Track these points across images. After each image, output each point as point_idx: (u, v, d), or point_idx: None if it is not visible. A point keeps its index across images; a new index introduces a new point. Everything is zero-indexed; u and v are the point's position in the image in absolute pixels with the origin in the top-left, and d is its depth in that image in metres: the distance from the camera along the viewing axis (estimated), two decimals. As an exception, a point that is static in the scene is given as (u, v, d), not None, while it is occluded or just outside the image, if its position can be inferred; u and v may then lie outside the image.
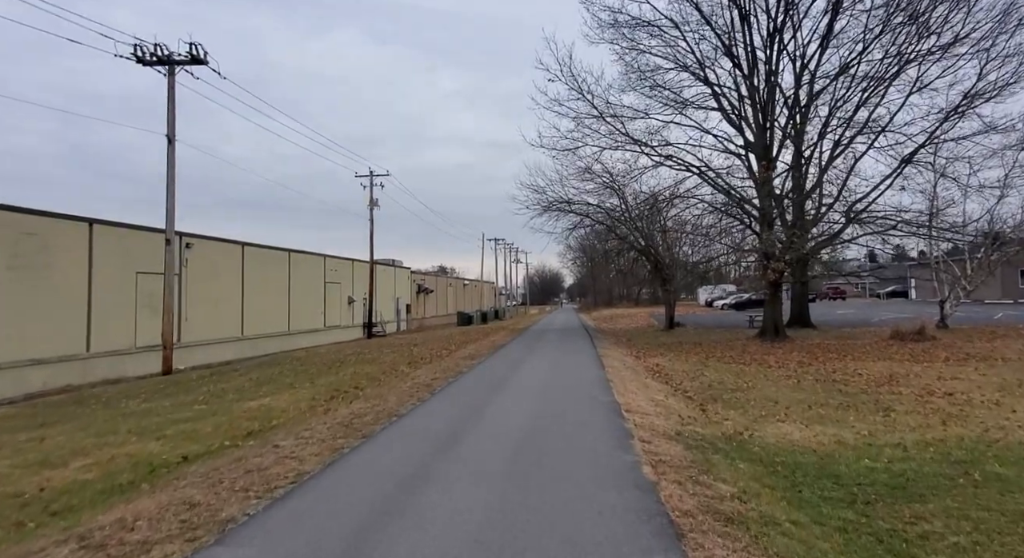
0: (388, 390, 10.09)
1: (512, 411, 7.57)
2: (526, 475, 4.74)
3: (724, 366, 14.70)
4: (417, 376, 11.93)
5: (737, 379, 12.24)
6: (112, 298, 20.61)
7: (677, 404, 8.75)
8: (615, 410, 7.32)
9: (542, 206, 27.27)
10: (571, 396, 8.56)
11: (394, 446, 5.79)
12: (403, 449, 5.66)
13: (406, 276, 52.97)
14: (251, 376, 13.69)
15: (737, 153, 22.42)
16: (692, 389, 10.91)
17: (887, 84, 19.96)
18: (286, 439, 6.24)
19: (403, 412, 7.53)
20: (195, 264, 25.40)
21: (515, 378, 11.04)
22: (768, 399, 9.76)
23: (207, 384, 12.45)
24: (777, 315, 21.70)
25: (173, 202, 17.24)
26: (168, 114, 16.99)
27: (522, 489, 4.39)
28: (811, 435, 7.12)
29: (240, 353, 27.90)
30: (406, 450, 5.62)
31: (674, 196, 22.85)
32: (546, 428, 6.48)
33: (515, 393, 9.02)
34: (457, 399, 8.51)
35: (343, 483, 4.58)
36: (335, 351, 22.05)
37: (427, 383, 10.43)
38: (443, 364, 14.17)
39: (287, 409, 8.82)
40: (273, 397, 10.12)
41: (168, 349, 17.12)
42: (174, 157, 17.13)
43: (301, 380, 12.34)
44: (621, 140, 22.78)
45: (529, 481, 4.60)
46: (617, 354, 16.68)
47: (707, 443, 6.21)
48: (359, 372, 13.47)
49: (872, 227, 20.29)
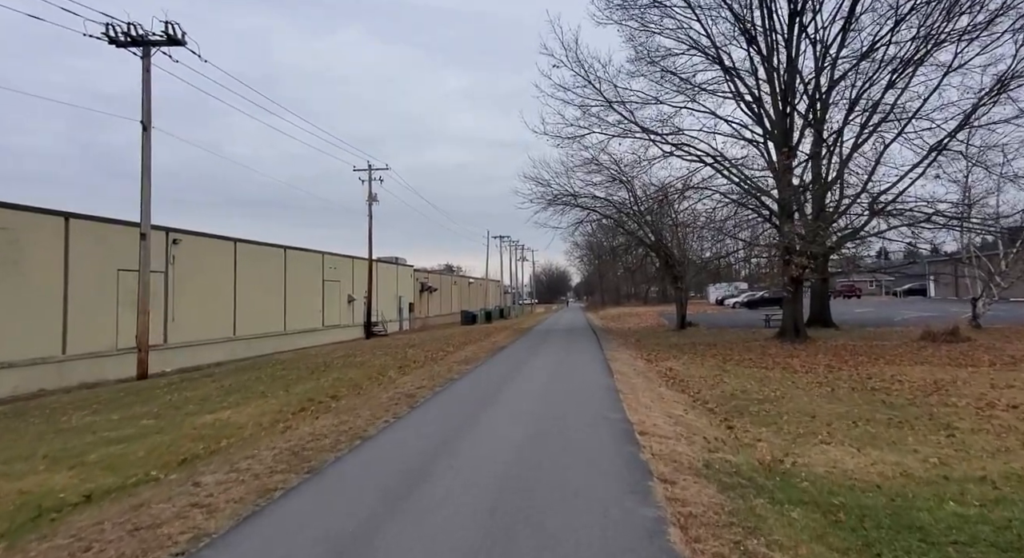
0: (365, 401, 8.85)
1: (500, 437, 6.25)
2: (505, 553, 3.40)
3: (745, 371, 13.35)
4: (403, 384, 10.68)
5: (762, 387, 10.90)
6: (91, 297, 19.50)
7: (699, 421, 7.44)
8: (627, 433, 6.01)
9: (547, 200, 25.98)
10: (574, 414, 7.21)
11: (340, 489, 4.45)
12: (349, 496, 4.31)
13: (409, 274, 51.74)
14: (225, 382, 12.50)
15: (754, 141, 21.03)
16: (713, 399, 9.59)
17: (914, 67, 18.47)
18: (217, 472, 5.01)
19: (370, 434, 6.27)
20: (183, 261, 24.29)
21: (511, 388, 9.76)
22: (803, 412, 8.43)
23: (173, 392, 11.27)
24: (798, 314, 20.29)
25: (149, 193, 16.09)
26: (142, 98, 15.83)
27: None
28: (867, 463, 5.80)
29: (232, 354, 26.79)
30: (352, 497, 4.27)
31: (687, 187, 21.46)
32: (540, 464, 5.12)
33: (508, 409, 7.71)
34: (438, 417, 7.20)
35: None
36: (326, 353, 20.87)
37: (411, 393, 9.18)
38: (435, 369, 12.92)
39: (245, 425, 7.60)
40: (237, 409, 8.91)
41: (143, 352, 15.97)
42: (150, 145, 15.97)
43: (276, 388, 11.14)
44: (630, 128, 21.46)
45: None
46: (626, 357, 15.36)
47: (744, 479, 4.90)
48: (342, 378, 12.24)
49: (901, 219, 18.81)
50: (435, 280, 58.32)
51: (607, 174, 24.75)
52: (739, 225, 22.67)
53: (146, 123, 15.93)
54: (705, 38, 20.07)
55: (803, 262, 16.56)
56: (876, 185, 19.72)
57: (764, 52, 19.77)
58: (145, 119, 15.94)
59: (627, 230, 28.42)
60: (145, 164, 15.96)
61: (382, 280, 45.25)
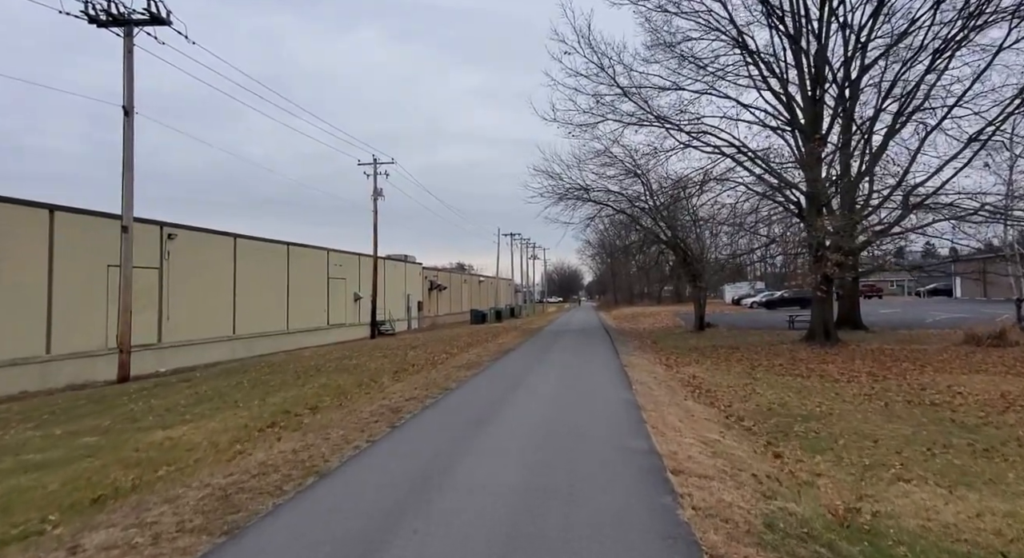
0: (345, 415, 7.63)
1: (488, 481, 4.63)
2: None
3: (777, 379, 11.97)
4: (393, 393, 9.45)
5: (802, 399, 9.54)
6: (78, 293, 18.54)
7: (739, 447, 6.12)
8: (656, 473, 4.60)
9: (557, 194, 24.65)
10: (589, 443, 5.76)
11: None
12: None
13: (417, 272, 50.61)
14: (202, 388, 11.36)
15: (779, 128, 19.55)
16: (748, 415, 8.25)
17: (955, 48, 16.86)
18: (118, 524, 3.81)
19: (330, 467, 5.01)
20: (179, 257, 23.31)
21: (513, 403, 8.46)
22: (860, 434, 7.07)
23: (141, 399, 10.14)
24: (828, 315, 18.81)
25: (131, 182, 15.01)
26: (124, 81, 14.76)
27: None
28: (971, 513, 4.46)
29: (232, 354, 25.81)
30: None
31: (707, 179, 20.05)
32: (542, 534, 3.54)
33: (505, 435, 6.26)
34: (418, 445, 5.77)
35: None
36: (323, 354, 19.72)
37: (397, 406, 7.93)
38: (432, 375, 11.68)
39: (197, 446, 6.41)
40: (198, 423, 7.73)
41: (125, 353, 14.91)
42: (132, 131, 14.90)
43: (254, 396, 9.96)
44: (645, 117, 20.07)
45: None
46: (644, 363, 14.02)
47: (821, 545, 3.58)
48: (329, 384, 11.05)
49: (942, 214, 17.22)
50: (444, 278, 57.18)
51: (621, 167, 23.40)
52: (762, 221, 21.21)
53: (128, 108, 14.86)
54: (727, 20, 18.65)
55: (838, 258, 15.11)
56: (912, 177, 18.18)
57: (792, 33, 18.29)
58: (127, 104, 14.87)
59: (642, 226, 27.01)
60: (127, 152, 14.90)
61: (390, 278, 44.19)
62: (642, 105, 19.91)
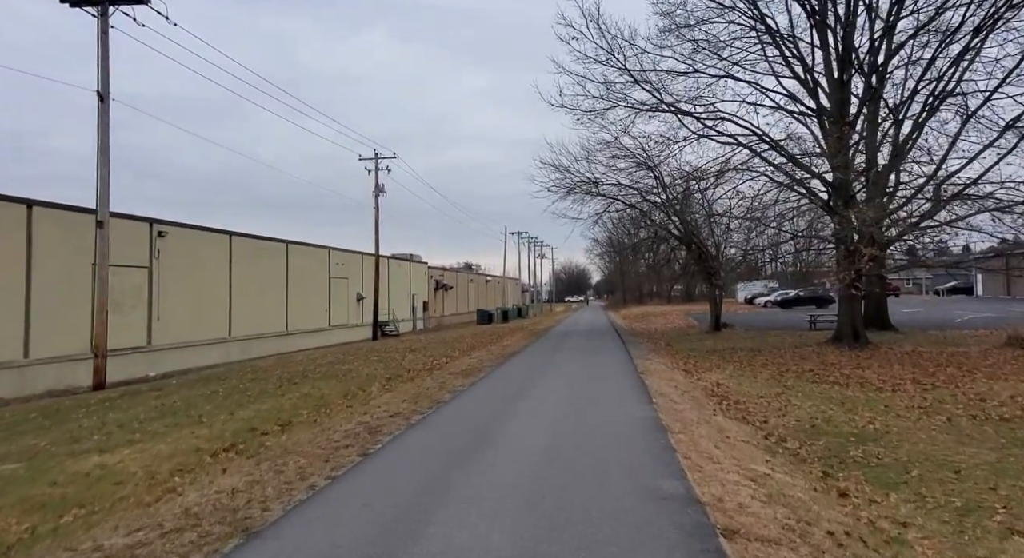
0: (315, 436, 6.48)
1: (475, 550, 3.41)
2: None
3: (812, 387, 10.70)
4: (378, 406, 8.29)
5: (848, 413, 8.27)
6: (59, 294, 17.51)
7: (794, 483, 4.89)
8: (703, 536, 3.36)
9: (565, 188, 23.44)
10: (606, 484, 4.48)
11: None
12: None
13: (423, 271, 49.51)
14: (169, 399, 10.25)
15: (802, 113, 18.20)
16: (790, 434, 7.01)
17: (985, 33, 15.46)
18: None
19: (267, 519, 3.81)
20: (170, 256, 22.30)
21: (512, 422, 7.23)
22: (934, 461, 5.83)
23: (97, 413, 9.04)
24: (856, 315, 17.46)
25: (108, 174, 13.96)
26: (99, 65, 13.71)
27: None
28: None
29: (227, 356, 24.79)
30: None
31: (724, 170, 18.74)
32: None
33: (500, 472, 4.96)
34: (387, 483, 4.65)
35: None
36: (316, 358, 18.60)
37: (377, 425, 6.76)
38: (426, 384, 10.52)
39: (129, 477, 5.29)
40: (145, 445, 6.61)
41: (100, 358, 13.86)
42: (108, 119, 13.85)
43: (223, 408, 8.84)
44: (658, 105, 18.80)
45: None
46: (661, 368, 12.77)
47: None
48: (312, 394, 9.92)
49: (983, 205, 15.82)
50: (450, 278, 56.04)
51: (632, 159, 22.14)
52: (783, 214, 19.88)
53: (103, 94, 13.82)
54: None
55: (872, 252, 13.80)
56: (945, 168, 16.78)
57: (817, 8, 16.95)
58: (102, 89, 13.83)
59: (653, 221, 25.74)
60: (102, 141, 13.85)
61: (394, 278, 43.13)
62: (654, 93, 18.66)
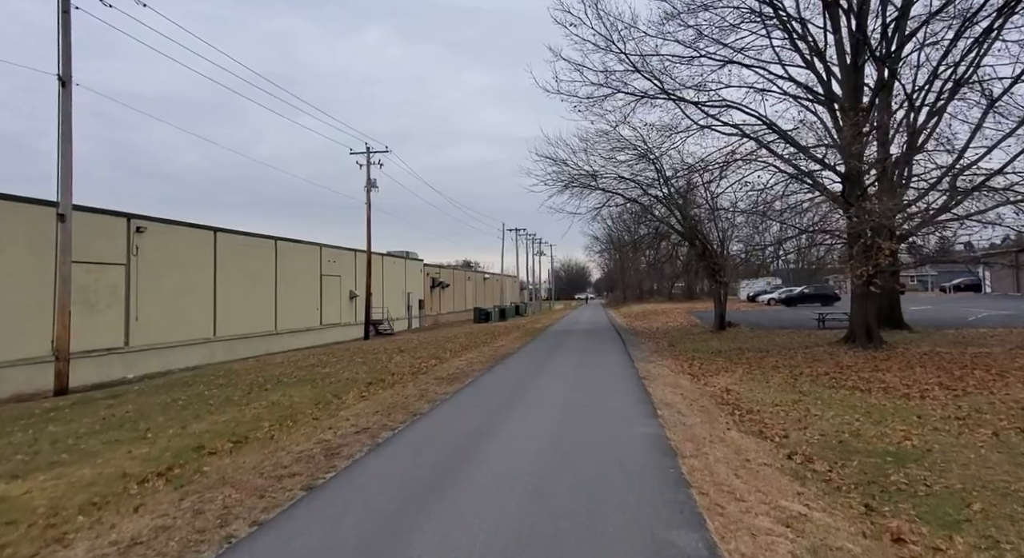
0: (261, 460, 5.52)
1: None
2: None
3: (830, 393, 9.73)
4: (345, 419, 7.32)
5: (876, 424, 7.31)
6: (28, 293, 16.54)
7: (837, 525, 3.92)
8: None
9: (562, 182, 22.46)
10: (600, 529, 3.60)
11: None
12: None
13: (419, 269, 48.52)
14: (122, 409, 9.25)
15: (814, 100, 17.20)
16: (815, 451, 6.05)
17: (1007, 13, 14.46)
18: None
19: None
20: (149, 252, 21.37)
21: (493, 440, 6.24)
22: (994, 489, 4.86)
23: (34, 427, 8.01)
24: (871, 314, 16.49)
25: (70, 164, 12.96)
26: (59, 46, 12.71)
27: None
28: None
29: (212, 357, 23.85)
30: None
31: (729, 161, 17.76)
32: None
33: (468, 518, 3.94)
34: (323, 537, 3.61)
35: None
36: (297, 360, 17.61)
37: (336, 446, 5.78)
38: (406, 391, 9.54)
39: (27, 514, 4.36)
40: (66, 469, 5.65)
41: (62, 362, 12.88)
42: (70, 105, 12.86)
43: (176, 421, 7.87)
44: (659, 93, 17.80)
45: None
46: (664, 372, 11.79)
47: None
48: (280, 402, 8.95)
49: (1005, 195, 14.82)
50: (447, 275, 55.06)
51: (632, 152, 21.14)
52: (792, 207, 18.87)
53: (65, 78, 12.83)
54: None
55: (891, 246, 12.82)
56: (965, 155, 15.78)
57: (829, -12, 15.96)
58: (64, 72, 12.84)
59: (655, 216, 24.74)
60: (64, 127, 12.85)
61: (389, 275, 42.18)
62: (654, 80, 17.65)
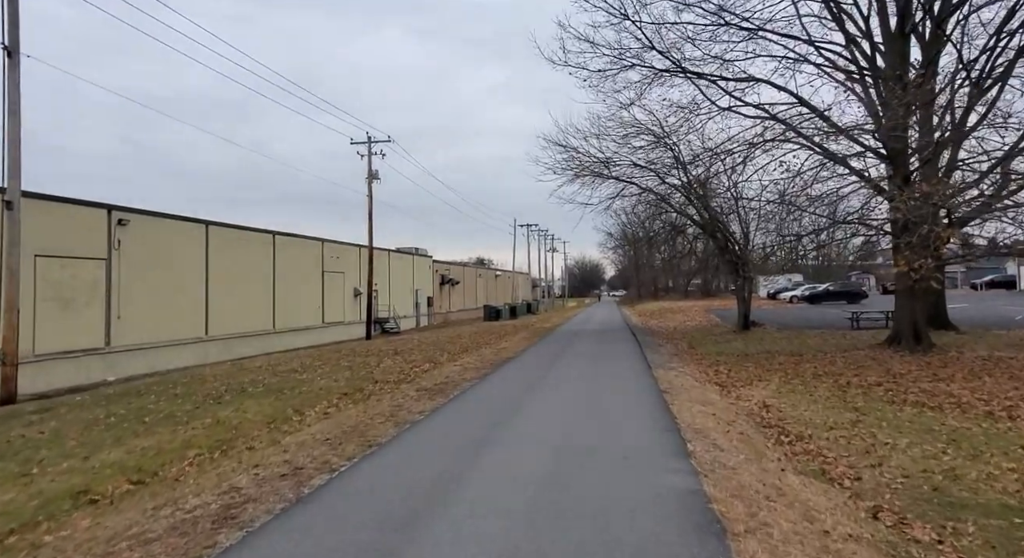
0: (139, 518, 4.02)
1: None
2: None
3: (893, 411, 8.01)
4: (289, 447, 5.80)
5: (972, 460, 5.62)
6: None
7: None
8: None
9: (572, 170, 20.82)
10: None
11: None
12: None
13: (427, 266, 47.04)
14: (42, 426, 7.84)
15: (854, 72, 15.33)
16: (907, 505, 4.40)
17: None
18: None
19: None
20: (133, 247, 20.10)
21: (465, 488, 4.62)
22: None
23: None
24: (918, 313, 14.66)
25: (18, 138, 11.57)
26: (5, 16, 11.34)
27: None
28: None
29: (204, 357, 22.58)
30: None
31: (759, 142, 15.99)
32: None
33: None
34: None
35: None
36: (273, 364, 16.08)
37: (247, 499, 4.25)
38: (380, 407, 7.99)
39: None
40: None
41: (10, 367, 11.49)
42: (17, 76, 11.48)
43: (86, 446, 6.44)
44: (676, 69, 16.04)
45: None
46: (688, 382, 10.11)
47: None
48: (228, 421, 7.48)
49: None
50: (457, 272, 53.59)
51: (647, 138, 19.39)
52: (823, 197, 17.01)
53: (11, 48, 11.46)
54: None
55: (952, 233, 11.07)
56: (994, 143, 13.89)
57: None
58: (10, 43, 11.47)
59: (672, 206, 22.97)
60: (11, 100, 11.47)
61: (396, 272, 40.80)
62: (670, 56, 15.89)
